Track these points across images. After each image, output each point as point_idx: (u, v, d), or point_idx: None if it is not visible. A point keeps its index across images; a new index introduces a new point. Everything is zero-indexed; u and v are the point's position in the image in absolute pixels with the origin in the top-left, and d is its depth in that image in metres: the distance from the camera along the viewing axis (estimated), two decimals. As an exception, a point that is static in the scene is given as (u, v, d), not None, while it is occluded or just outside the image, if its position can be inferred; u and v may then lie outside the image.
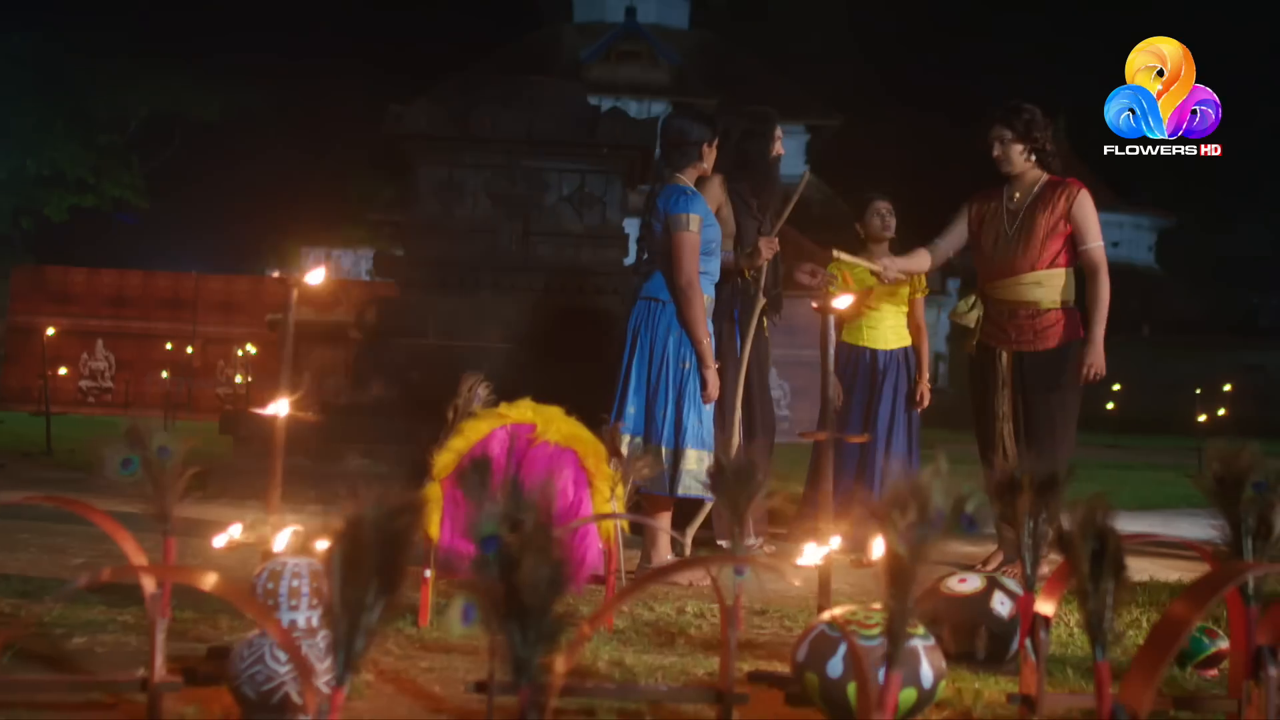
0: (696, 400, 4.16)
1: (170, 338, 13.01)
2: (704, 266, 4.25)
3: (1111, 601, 1.74)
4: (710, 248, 4.27)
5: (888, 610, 1.61)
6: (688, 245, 4.17)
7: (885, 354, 5.38)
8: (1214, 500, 2.20)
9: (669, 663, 2.94)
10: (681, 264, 4.15)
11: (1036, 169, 4.96)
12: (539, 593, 1.58)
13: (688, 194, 4.24)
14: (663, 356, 4.19)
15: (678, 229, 4.16)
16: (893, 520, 1.57)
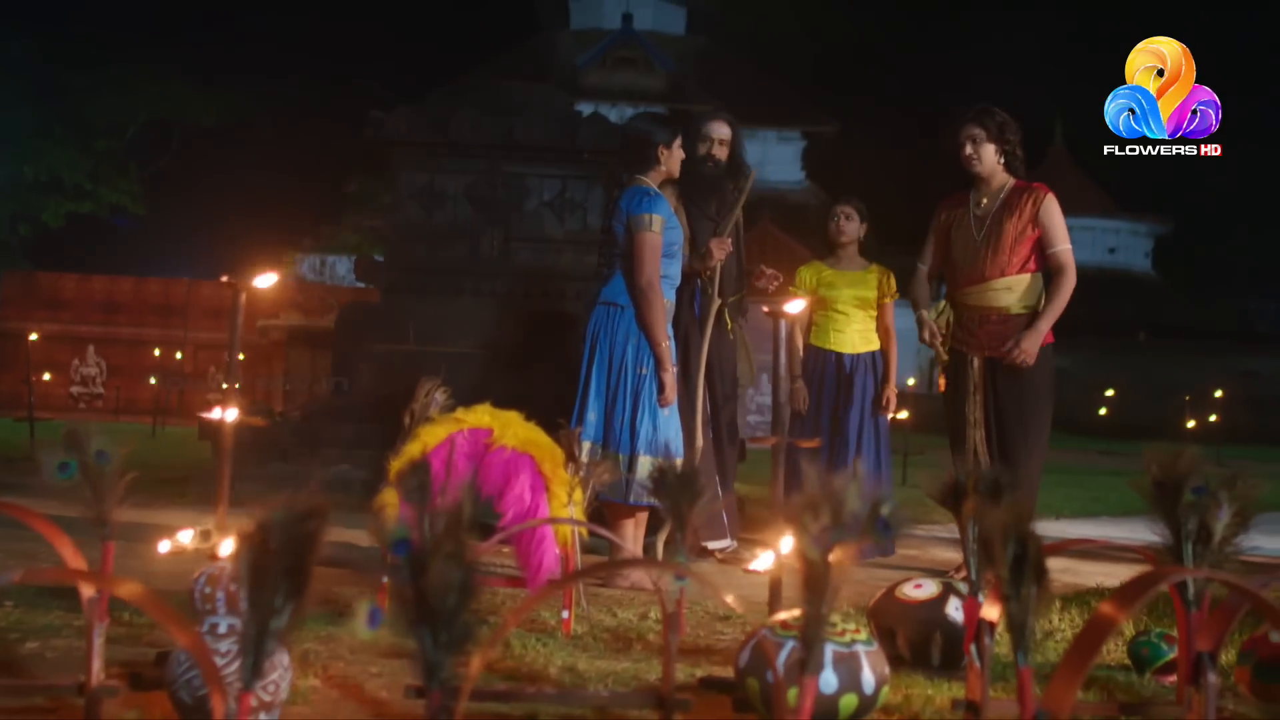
0: (653, 406, 4.14)
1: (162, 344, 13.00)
2: (665, 270, 4.24)
3: (1033, 607, 1.72)
4: (671, 250, 4.27)
5: (803, 615, 1.60)
6: (649, 246, 4.16)
7: (852, 358, 5.37)
8: (1154, 505, 2.19)
9: (622, 668, 2.93)
10: (643, 265, 4.14)
11: (1004, 173, 4.96)
12: (449, 597, 1.57)
13: (650, 195, 4.24)
14: (621, 362, 4.18)
15: (640, 229, 4.16)
16: (805, 524, 1.56)
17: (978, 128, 4.91)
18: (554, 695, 2.37)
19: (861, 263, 5.49)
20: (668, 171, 4.36)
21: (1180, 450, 2.17)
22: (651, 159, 4.31)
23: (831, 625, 2.36)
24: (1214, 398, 14.08)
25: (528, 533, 3.19)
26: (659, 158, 4.31)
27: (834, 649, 2.29)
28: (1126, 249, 32.88)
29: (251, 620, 1.56)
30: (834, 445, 5.29)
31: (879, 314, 5.46)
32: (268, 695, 2.27)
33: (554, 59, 29.57)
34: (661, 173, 4.36)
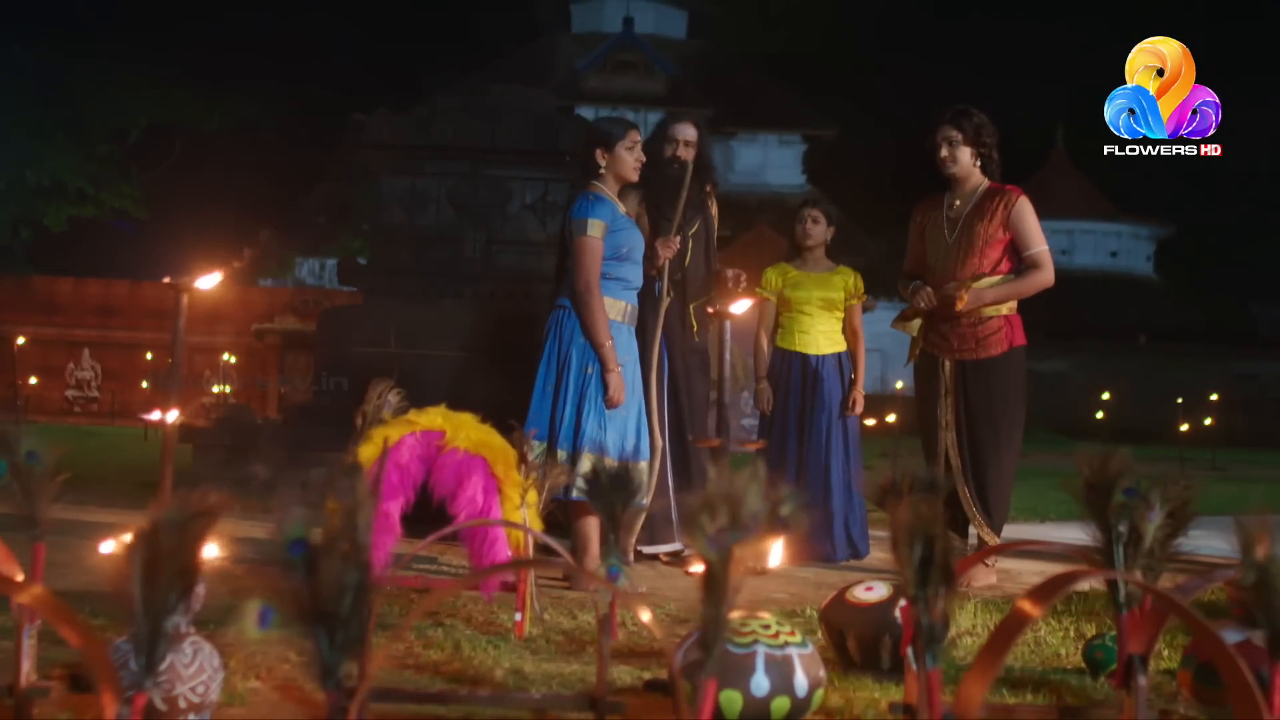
0: (598, 405, 4.14)
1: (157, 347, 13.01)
2: (615, 272, 4.26)
3: (941, 608, 1.71)
4: (623, 253, 4.27)
5: (702, 616, 1.59)
6: (585, 250, 4.19)
7: (817, 359, 5.37)
8: (1086, 506, 2.17)
9: (570, 671, 2.92)
10: (579, 268, 4.17)
11: (979, 175, 4.95)
12: (344, 598, 1.56)
13: (590, 199, 4.27)
14: (566, 361, 4.20)
15: (577, 234, 4.20)
16: (701, 525, 1.55)
17: (954, 130, 4.90)
18: (486, 697, 2.35)
19: (828, 264, 5.49)
20: (616, 175, 4.35)
21: (1111, 451, 2.15)
22: (593, 164, 4.33)
23: (765, 628, 2.35)
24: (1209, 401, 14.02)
25: (480, 535, 3.18)
26: (599, 162, 4.32)
27: (766, 651, 2.28)
28: (1128, 252, 32.83)
29: (144, 620, 1.55)
30: (801, 447, 5.28)
31: (846, 316, 5.46)
32: (196, 696, 2.26)
33: (555, 63, 29.59)
34: (610, 177, 4.36)
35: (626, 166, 4.33)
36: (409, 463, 3.19)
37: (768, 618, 2.37)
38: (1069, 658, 3.32)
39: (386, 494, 3.16)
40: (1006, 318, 4.89)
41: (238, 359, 12.18)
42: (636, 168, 4.36)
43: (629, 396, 4.20)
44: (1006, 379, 4.86)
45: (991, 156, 4.98)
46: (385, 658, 2.99)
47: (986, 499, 4.81)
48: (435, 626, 3.37)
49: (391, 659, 2.98)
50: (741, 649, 2.29)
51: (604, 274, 4.25)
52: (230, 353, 12.46)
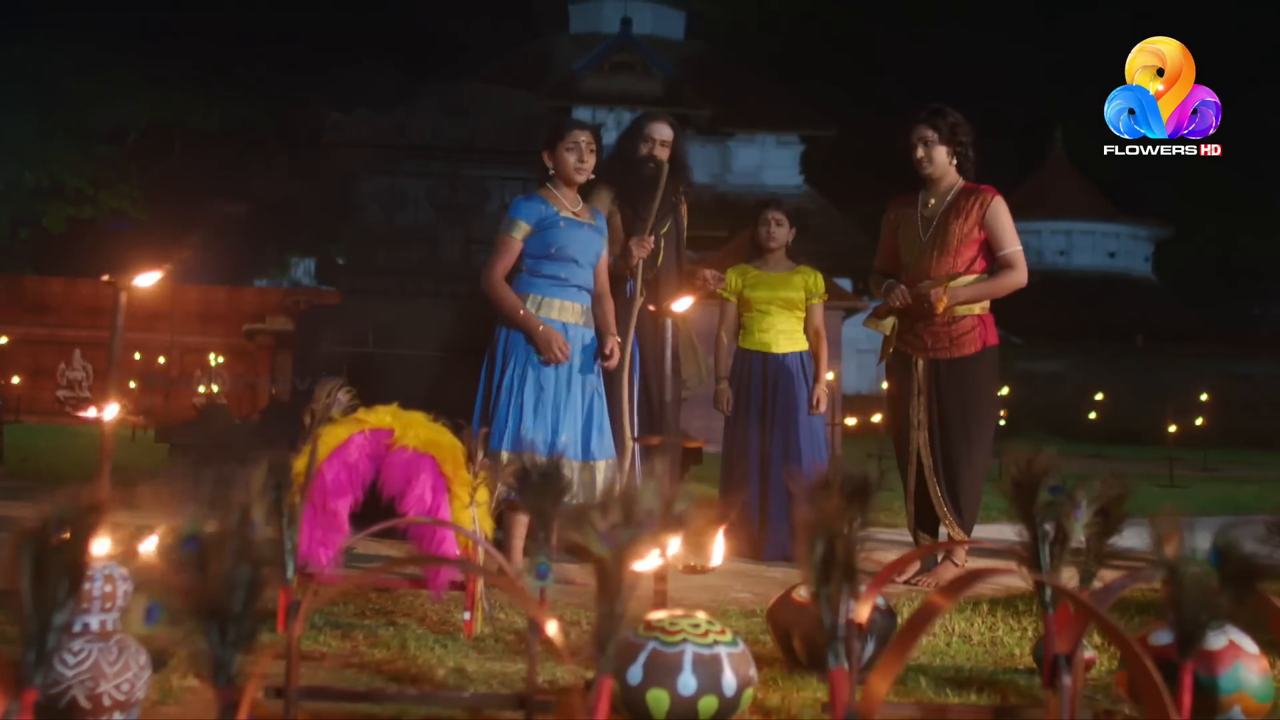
0: (530, 404, 4.16)
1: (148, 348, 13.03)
2: (544, 270, 4.31)
3: (844, 606, 1.69)
4: (551, 252, 4.30)
5: (596, 615, 1.58)
6: (497, 245, 4.36)
7: (777, 358, 5.38)
8: (1012, 505, 2.16)
9: (514, 670, 2.91)
10: (489, 262, 4.36)
11: (954, 174, 4.94)
12: (235, 594, 1.55)
13: (523, 197, 4.42)
14: (494, 354, 4.29)
15: (498, 230, 4.37)
16: (593, 523, 1.54)
17: (929, 129, 4.89)
18: (415, 696, 2.35)
19: (788, 264, 5.52)
20: (561, 176, 4.41)
21: (1037, 449, 2.14)
22: (543, 167, 4.42)
23: (695, 627, 2.34)
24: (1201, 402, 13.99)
25: (428, 534, 3.17)
26: (546, 163, 4.41)
27: (694, 650, 2.27)
28: (1127, 253, 32.79)
29: (33, 615, 1.54)
30: (763, 446, 5.28)
31: (807, 315, 5.49)
32: (120, 694, 2.25)
33: (552, 64, 29.59)
34: (559, 178, 4.42)
35: (567, 166, 4.39)
36: (357, 461, 3.19)
37: (698, 617, 2.36)
38: (1022, 658, 3.31)
39: (334, 492, 3.15)
40: (980, 317, 4.89)
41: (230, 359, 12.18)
42: (579, 168, 4.39)
43: (564, 395, 4.21)
44: (980, 378, 4.86)
45: (967, 155, 4.97)
46: (329, 656, 2.99)
47: (958, 498, 4.80)
48: (387, 625, 3.37)
49: (336, 658, 2.98)
50: (669, 648, 2.28)
51: (534, 271, 4.31)
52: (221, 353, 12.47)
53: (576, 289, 4.36)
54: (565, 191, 4.41)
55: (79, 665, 2.22)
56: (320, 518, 3.16)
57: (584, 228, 4.41)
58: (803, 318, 5.51)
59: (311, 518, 3.16)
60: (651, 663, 2.26)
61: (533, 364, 4.27)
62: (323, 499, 3.16)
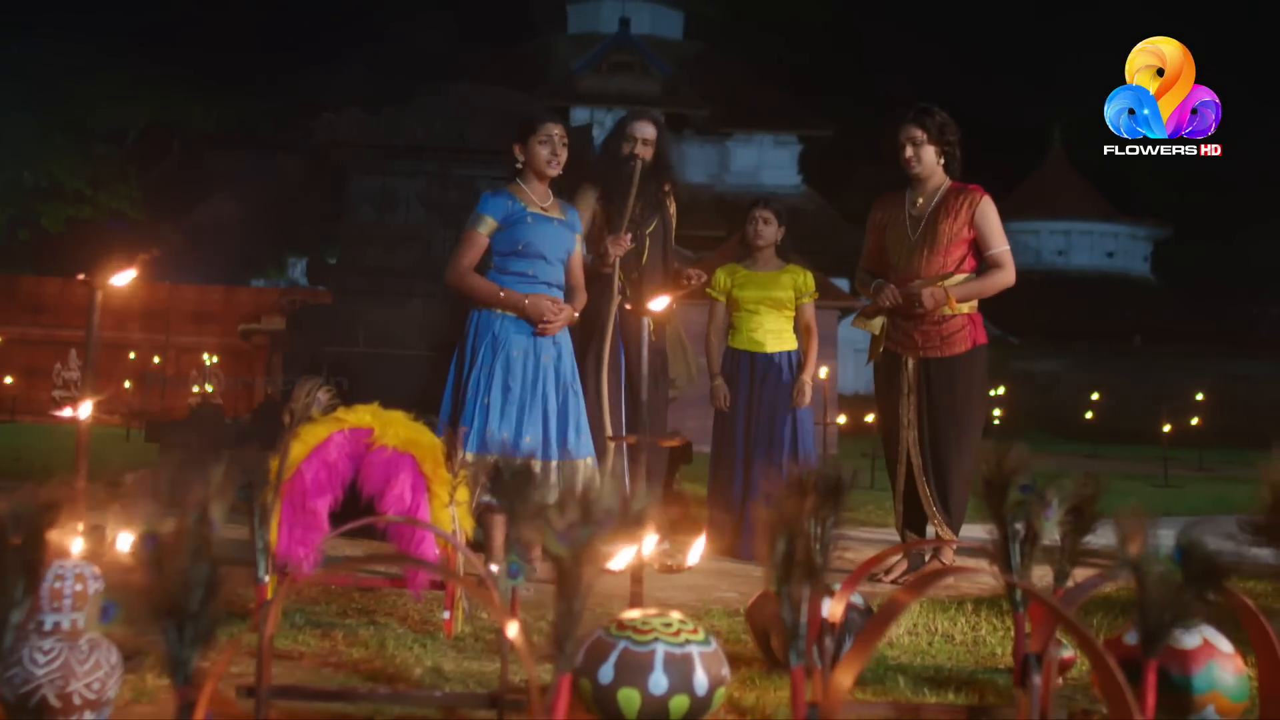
0: (482, 402, 4.15)
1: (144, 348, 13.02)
2: (511, 267, 4.30)
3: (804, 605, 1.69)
4: (518, 249, 4.29)
5: (555, 613, 1.57)
6: (463, 240, 4.33)
7: (765, 357, 5.37)
8: (983, 503, 2.16)
9: (492, 669, 2.91)
10: (453, 257, 4.31)
11: (941, 174, 4.93)
12: (193, 593, 1.55)
13: (490, 193, 4.39)
14: (462, 355, 4.28)
15: (466, 225, 4.33)
16: (551, 521, 1.53)
17: (918, 129, 4.89)
18: (387, 695, 2.34)
19: (777, 263, 5.50)
20: (532, 171, 4.39)
21: (1008, 447, 2.14)
22: (512, 158, 4.40)
23: (667, 626, 2.33)
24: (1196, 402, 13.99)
25: (408, 533, 3.17)
26: (516, 156, 4.38)
27: (666, 649, 2.26)
28: (1125, 253, 32.77)
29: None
30: (749, 446, 5.28)
31: (798, 313, 5.48)
32: (91, 693, 2.25)
33: (551, 64, 29.59)
34: (529, 173, 4.40)
35: (539, 160, 4.35)
36: (337, 460, 3.19)
37: (671, 616, 2.35)
38: (1004, 657, 3.30)
39: (314, 491, 3.15)
40: (969, 316, 4.89)
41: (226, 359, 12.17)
42: (552, 162, 4.36)
43: (531, 396, 4.19)
44: (970, 377, 4.86)
45: (955, 155, 4.96)
46: (308, 655, 2.98)
47: (947, 498, 4.80)
48: (368, 625, 3.36)
49: (314, 657, 2.98)
50: (641, 647, 2.27)
51: (500, 268, 4.30)
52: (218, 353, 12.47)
53: (546, 285, 4.33)
54: (535, 186, 4.39)
55: (49, 664, 2.22)
56: (300, 517, 3.15)
57: (553, 223, 4.38)
58: (792, 317, 5.49)
59: (291, 517, 3.15)
60: (623, 662, 2.26)
61: (500, 364, 4.24)
62: (302, 498, 3.16)
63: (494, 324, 4.32)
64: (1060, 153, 31.95)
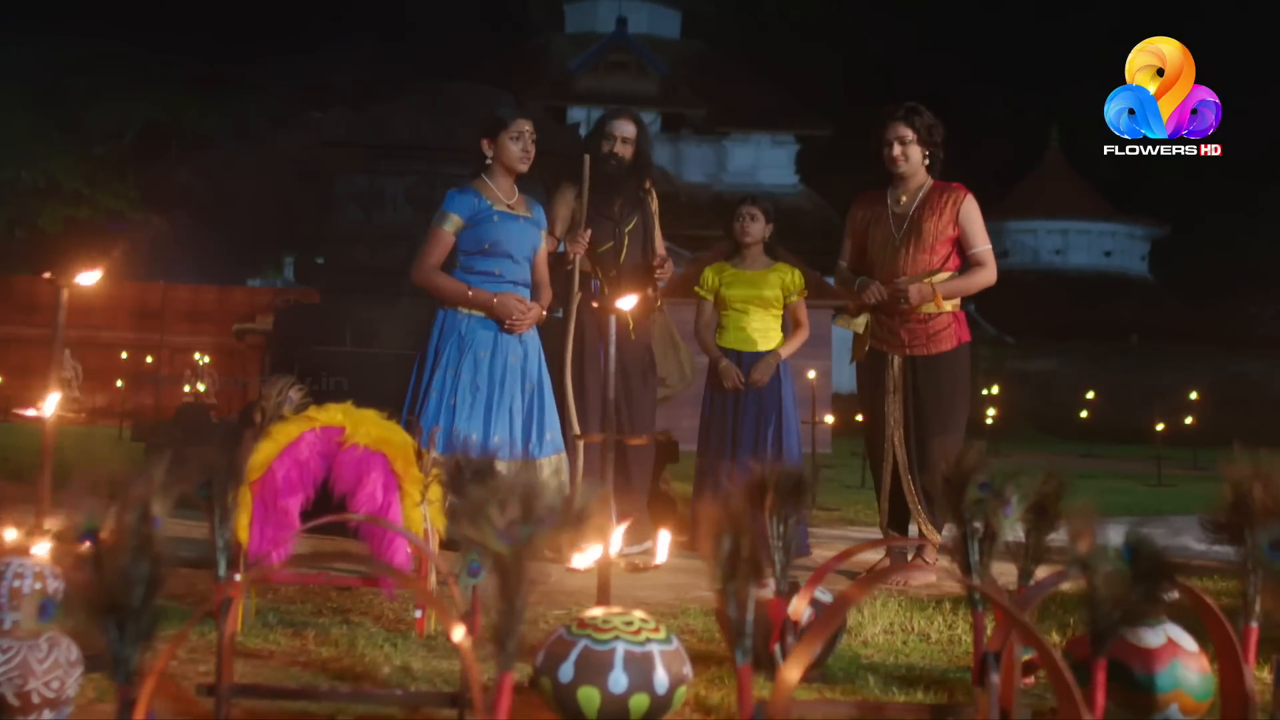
0: (448, 403, 4.15)
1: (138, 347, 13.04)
2: (477, 266, 4.29)
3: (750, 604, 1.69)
4: (485, 248, 4.28)
5: (496, 611, 1.57)
6: (428, 238, 4.32)
7: (752, 356, 5.35)
8: (941, 502, 2.15)
9: (459, 669, 2.91)
10: (418, 255, 4.29)
11: (924, 173, 4.93)
12: (134, 590, 1.55)
13: (456, 190, 4.36)
14: (425, 354, 4.28)
15: (431, 224, 4.32)
16: (490, 518, 1.53)
17: (907, 128, 4.87)
18: (348, 694, 2.34)
19: (765, 262, 5.47)
20: (503, 165, 4.38)
21: (969, 446, 2.13)
22: (479, 153, 4.38)
23: (628, 624, 2.33)
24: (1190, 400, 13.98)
25: (379, 532, 3.16)
26: (485, 153, 4.35)
27: (626, 648, 2.25)
28: (1123, 252, 32.76)
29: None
30: (735, 446, 5.27)
31: (790, 311, 5.46)
32: (50, 691, 2.24)
33: (548, 63, 29.58)
34: (500, 169, 4.39)
35: (512, 156, 4.34)
36: (308, 459, 3.18)
37: (633, 614, 2.35)
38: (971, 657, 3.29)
39: (285, 490, 3.15)
40: (954, 314, 4.89)
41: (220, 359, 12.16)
42: (523, 158, 4.35)
43: (498, 395, 4.19)
44: (956, 374, 4.86)
45: (938, 155, 4.95)
46: (277, 654, 2.98)
47: (932, 497, 4.79)
48: (342, 624, 3.36)
49: (284, 655, 2.97)
50: (601, 645, 2.27)
51: (466, 267, 4.29)
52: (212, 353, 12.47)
53: (512, 284, 4.33)
54: (500, 182, 4.37)
55: (7, 663, 2.21)
56: (271, 515, 3.15)
57: (519, 221, 4.37)
58: (780, 316, 5.47)
59: (262, 516, 3.15)
60: (583, 660, 2.25)
61: (467, 364, 4.23)
62: (273, 497, 3.15)
63: (460, 323, 4.31)
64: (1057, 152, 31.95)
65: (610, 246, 4.99)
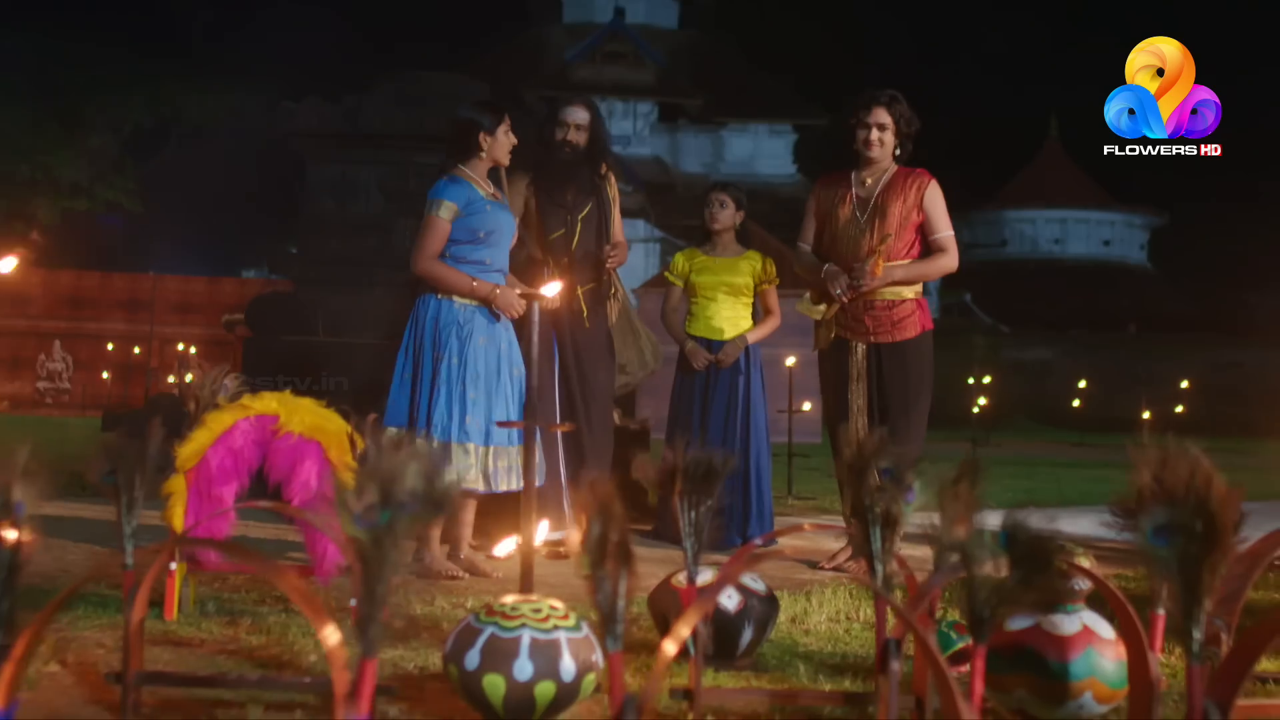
0: (449, 391, 4.12)
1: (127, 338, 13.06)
2: (470, 256, 4.24)
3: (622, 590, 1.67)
4: (479, 237, 4.24)
5: (358, 598, 1.56)
6: (427, 227, 4.22)
7: (722, 344, 5.35)
8: (843, 488, 2.14)
9: (395, 656, 2.90)
10: (417, 244, 4.22)
11: (890, 159, 4.90)
12: (-8, 577, 1.54)
13: (447, 180, 4.27)
14: (421, 349, 4.20)
15: (426, 212, 4.22)
16: (347, 501, 1.52)
17: (888, 115, 4.84)
18: (255, 681, 2.33)
19: (736, 249, 5.46)
20: (493, 158, 4.34)
21: (870, 433, 2.12)
22: (474, 146, 4.30)
23: (536, 611, 2.32)
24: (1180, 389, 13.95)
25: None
26: (481, 144, 4.29)
27: (532, 635, 2.25)
28: (1121, 241, 32.68)
29: None
30: (704, 433, 5.26)
31: (762, 299, 5.44)
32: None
33: (545, 54, 29.54)
34: (485, 160, 4.34)
35: (504, 150, 4.34)
36: (243, 447, 3.17)
37: (543, 603, 2.34)
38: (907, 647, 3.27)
39: (220, 479, 3.14)
40: (917, 301, 4.86)
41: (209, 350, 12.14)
42: (509, 150, 4.36)
43: (495, 382, 4.18)
44: (920, 362, 4.84)
45: (909, 146, 4.94)
46: (208, 642, 2.98)
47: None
48: (281, 612, 3.35)
49: (214, 644, 2.97)
50: (507, 633, 2.26)
51: (457, 257, 4.24)
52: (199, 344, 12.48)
53: (498, 273, 4.32)
54: (483, 173, 4.37)
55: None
56: (206, 504, 3.14)
57: (503, 210, 4.38)
58: (750, 304, 5.46)
59: (197, 504, 3.14)
60: (488, 648, 2.24)
61: (466, 355, 4.21)
62: (208, 485, 3.15)
63: (458, 313, 4.27)
64: (1056, 142, 31.84)
65: (562, 234, 4.96)
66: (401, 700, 2.49)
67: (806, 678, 2.88)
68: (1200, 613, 1.71)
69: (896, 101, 4.87)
